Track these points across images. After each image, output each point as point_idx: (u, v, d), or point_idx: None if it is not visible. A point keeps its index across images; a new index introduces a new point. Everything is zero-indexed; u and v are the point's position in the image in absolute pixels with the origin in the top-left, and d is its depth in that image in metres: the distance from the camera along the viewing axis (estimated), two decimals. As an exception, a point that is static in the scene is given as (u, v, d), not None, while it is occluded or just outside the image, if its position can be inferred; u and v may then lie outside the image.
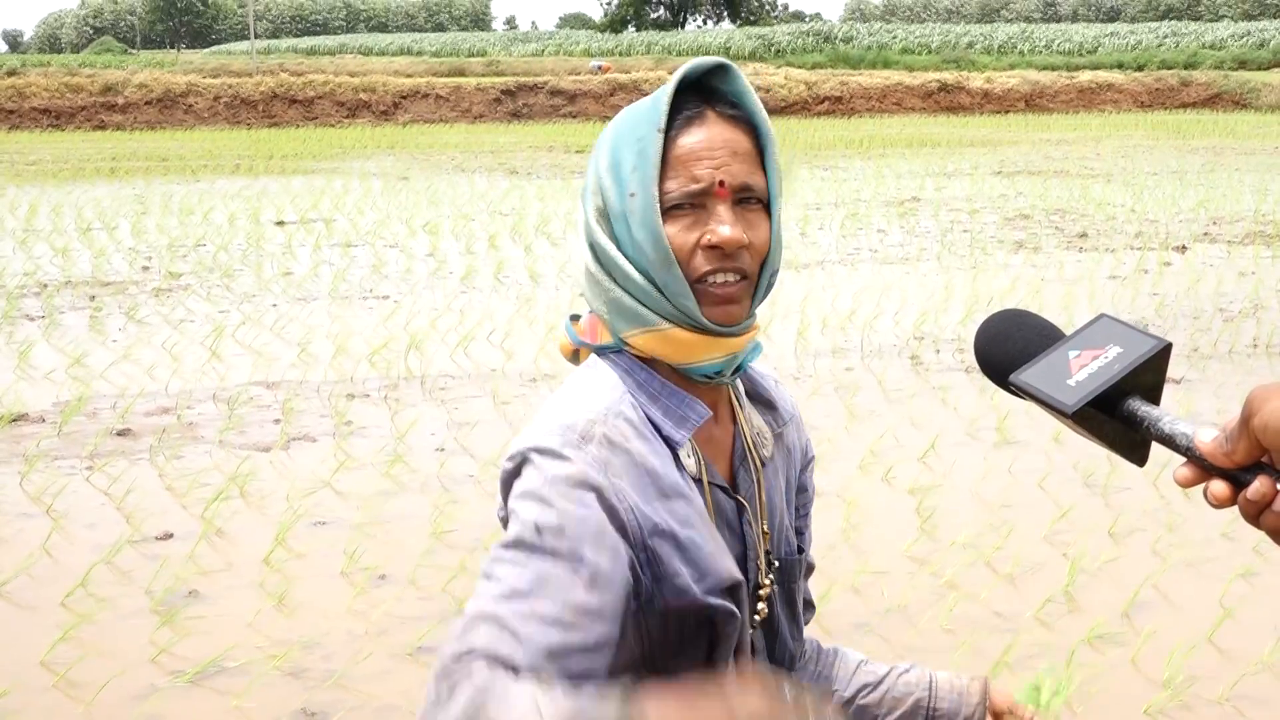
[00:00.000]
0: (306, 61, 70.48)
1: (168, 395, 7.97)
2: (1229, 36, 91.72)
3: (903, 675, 2.11)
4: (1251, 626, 4.78)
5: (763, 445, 1.96)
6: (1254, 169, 23.12)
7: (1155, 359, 1.28)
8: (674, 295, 1.74)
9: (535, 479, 1.64)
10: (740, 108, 1.79)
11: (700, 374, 1.81)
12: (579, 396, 1.75)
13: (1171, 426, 1.24)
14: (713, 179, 1.72)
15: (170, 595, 5.05)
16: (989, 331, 1.42)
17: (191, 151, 27.74)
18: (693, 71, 1.78)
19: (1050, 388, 1.29)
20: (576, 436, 1.66)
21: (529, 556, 1.58)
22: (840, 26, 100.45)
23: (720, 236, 1.71)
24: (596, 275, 1.80)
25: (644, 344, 1.78)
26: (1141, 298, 10.87)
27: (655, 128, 1.72)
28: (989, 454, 6.85)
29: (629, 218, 1.74)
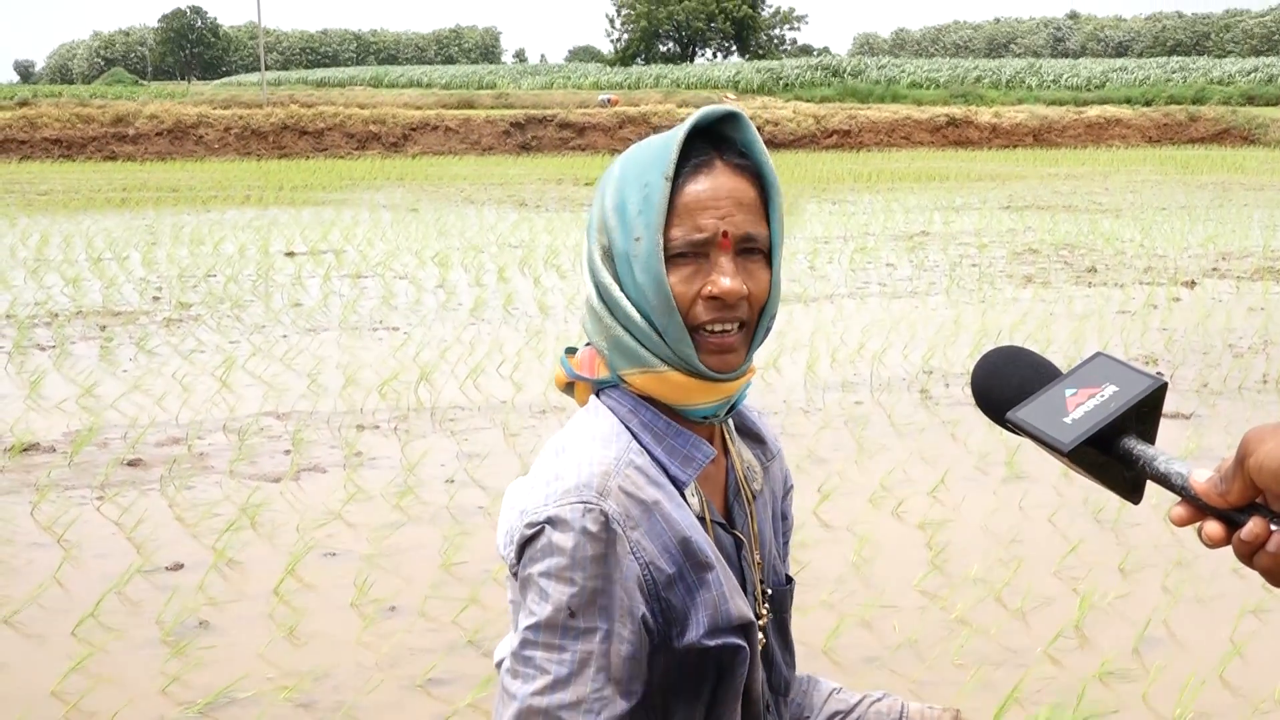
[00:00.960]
0: (317, 93, 70.77)
1: (178, 425, 7.99)
2: (1237, 72, 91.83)
3: (874, 704, 2.15)
4: (1262, 663, 4.77)
5: (754, 479, 2.00)
6: (1262, 204, 23.14)
7: (1151, 398, 1.29)
8: (673, 341, 1.76)
9: (558, 559, 1.66)
10: (748, 157, 1.81)
11: (695, 416, 1.84)
12: (588, 446, 1.77)
13: (1167, 466, 1.25)
14: (717, 229, 1.74)
15: (180, 626, 5.05)
16: (986, 368, 1.43)
17: (202, 182, 27.83)
18: (703, 120, 1.79)
19: (1047, 426, 1.30)
20: (594, 494, 1.69)
21: (564, 639, 1.64)
22: (848, 60, 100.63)
23: (721, 288, 1.74)
24: (599, 312, 1.82)
25: (642, 384, 1.81)
26: (1150, 333, 10.87)
27: (663, 175, 1.74)
28: (999, 488, 6.85)
29: (633, 261, 1.76)
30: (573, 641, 1.65)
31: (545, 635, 1.66)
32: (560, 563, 1.66)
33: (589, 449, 1.76)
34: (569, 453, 1.76)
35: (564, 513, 1.67)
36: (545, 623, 1.65)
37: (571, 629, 1.65)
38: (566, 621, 1.65)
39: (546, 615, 1.65)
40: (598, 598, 1.66)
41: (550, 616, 1.65)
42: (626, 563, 1.69)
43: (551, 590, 1.66)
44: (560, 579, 1.66)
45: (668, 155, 1.74)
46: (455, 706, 4.41)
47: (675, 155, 1.74)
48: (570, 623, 1.65)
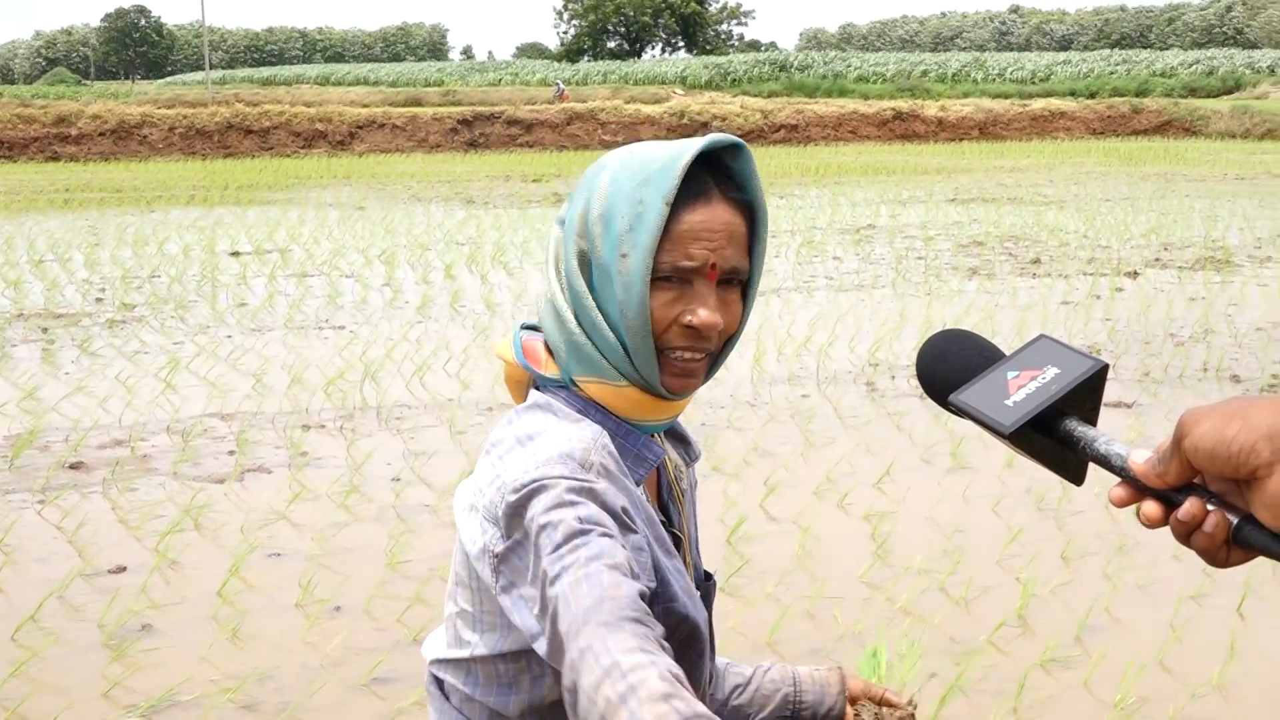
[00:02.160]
0: (262, 92, 70.41)
1: (121, 428, 7.93)
2: (1179, 64, 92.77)
3: (768, 673, 2.18)
4: (1200, 648, 4.83)
5: (681, 479, 1.99)
6: (1204, 195, 23.36)
7: (1092, 380, 1.30)
8: (641, 362, 1.75)
9: (558, 494, 1.61)
10: (745, 191, 1.80)
11: (643, 431, 1.83)
12: (560, 428, 1.74)
13: (1107, 447, 1.25)
14: (706, 260, 1.73)
15: (122, 629, 5.02)
16: (931, 351, 1.43)
17: (146, 182, 27.62)
18: (708, 147, 1.76)
19: (988, 408, 1.30)
20: (577, 465, 1.66)
21: (586, 539, 1.56)
22: (796, 56, 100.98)
23: (701, 320, 1.72)
24: (565, 316, 1.79)
25: (595, 392, 1.80)
26: (1094, 323, 10.96)
27: (664, 199, 1.70)
28: (943, 479, 6.89)
29: (615, 276, 1.73)
30: (596, 538, 1.55)
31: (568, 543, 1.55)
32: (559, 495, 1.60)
33: (562, 429, 1.73)
34: (539, 439, 1.72)
35: (553, 470, 1.63)
36: (562, 539, 1.55)
37: (589, 530, 1.56)
38: (582, 528, 1.56)
39: (561, 534, 1.55)
40: (607, 512, 1.61)
41: (565, 533, 1.55)
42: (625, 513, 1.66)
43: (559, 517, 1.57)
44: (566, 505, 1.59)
45: (670, 178, 1.71)
46: (400, 705, 4.40)
47: (678, 180, 1.71)
48: (586, 528, 1.56)
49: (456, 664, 1.86)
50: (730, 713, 2.13)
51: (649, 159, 1.76)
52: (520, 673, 1.80)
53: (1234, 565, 1.20)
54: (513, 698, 1.83)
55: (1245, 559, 1.19)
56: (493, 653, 1.81)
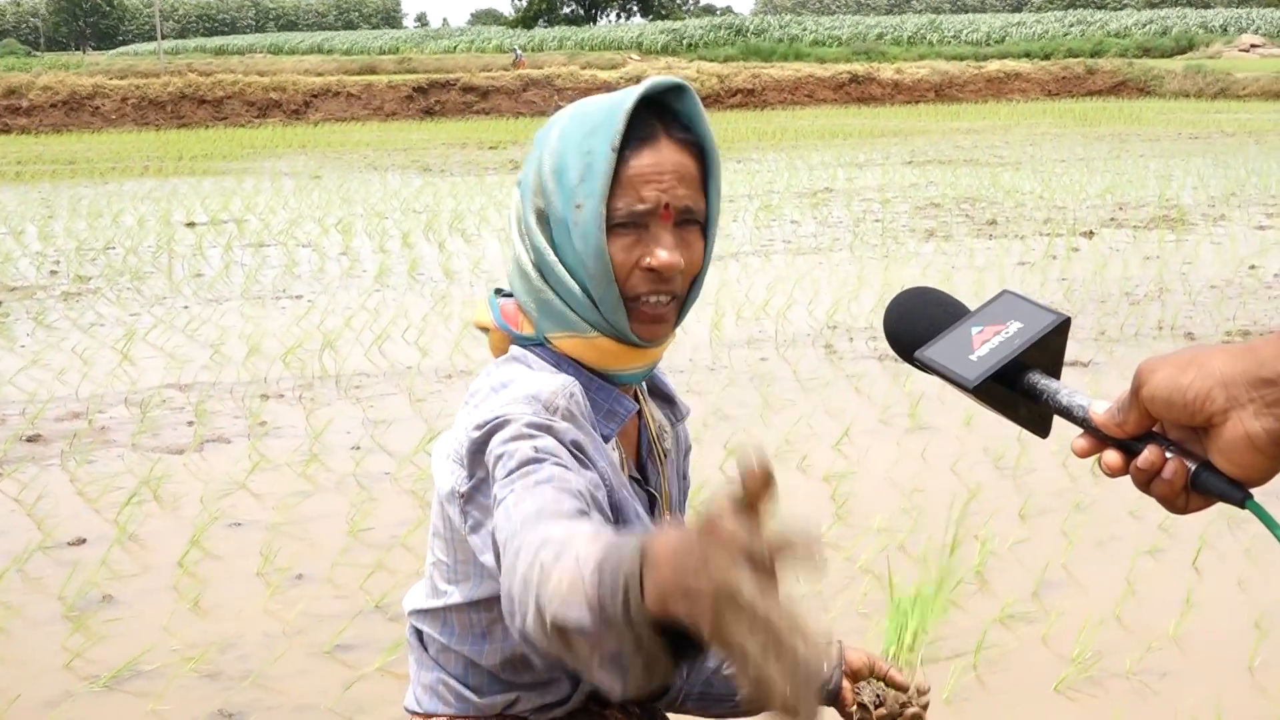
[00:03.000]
0: (215, 61, 69.77)
1: (78, 400, 7.89)
2: (1133, 25, 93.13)
3: None
4: (1156, 602, 4.88)
5: (664, 438, 2.01)
6: (1158, 155, 23.49)
7: (1055, 333, 1.31)
8: (608, 310, 1.76)
9: (516, 428, 1.62)
10: (692, 131, 1.82)
11: (619, 380, 1.85)
12: (531, 376, 1.75)
13: (1069, 399, 1.27)
14: (659, 201, 1.74)
15: (83, 601, 5.01)
16: (897, 309, 1.44)
17: (99, 154, 27.37)
18: (650, 91, 1.78)
19: (953, 363, 1.32)
20: (542, 406, 1.67)
21: (538, 467, 1.56)
22: (751, 20, 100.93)
23: (660, 260, 1.74)
24: (530, 274, 1.81)
25: (568, 347, 1.81)
26: (1050, 283, 11.02)
27: (610, 145, 1.72)
28: (902, 439, 6.93)
29: (571, 227, 1.75)
30: (550, 466, 1.56)
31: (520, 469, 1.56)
32: (519, 427, 1.61)
33: (533, 378, 1.74)
34: (510, 387, 1.74)
35: (515, 408, 1.65)
36: (516, 466, 1.57)
37: (542, 460, 1.57)
38: (535, 456, 1.57)
39: (515, 461, 1.57)
40: (561, 450, 1.60)
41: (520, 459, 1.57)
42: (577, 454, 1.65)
43: (515, 448, 1.59)
44: (524, 437, 1.60)
45: (614, 125, 1.72)
46: (363, 671, 4.41)
47: (622, 126, 1.72)
48: (541, 456, 1.57)
49: (433, 614, 1.88)
50: (720, 682, 2.13)
51: (594, 110, 1.78)
52: (494, 622, 1.82)
53: (1193, 511, 1.23)
54: (487, 647, 1.85)
55: (1204, 505, 1.22)
56: (466, 601, 1.83)
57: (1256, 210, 15.64)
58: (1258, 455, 1.16)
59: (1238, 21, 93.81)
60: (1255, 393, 1.14)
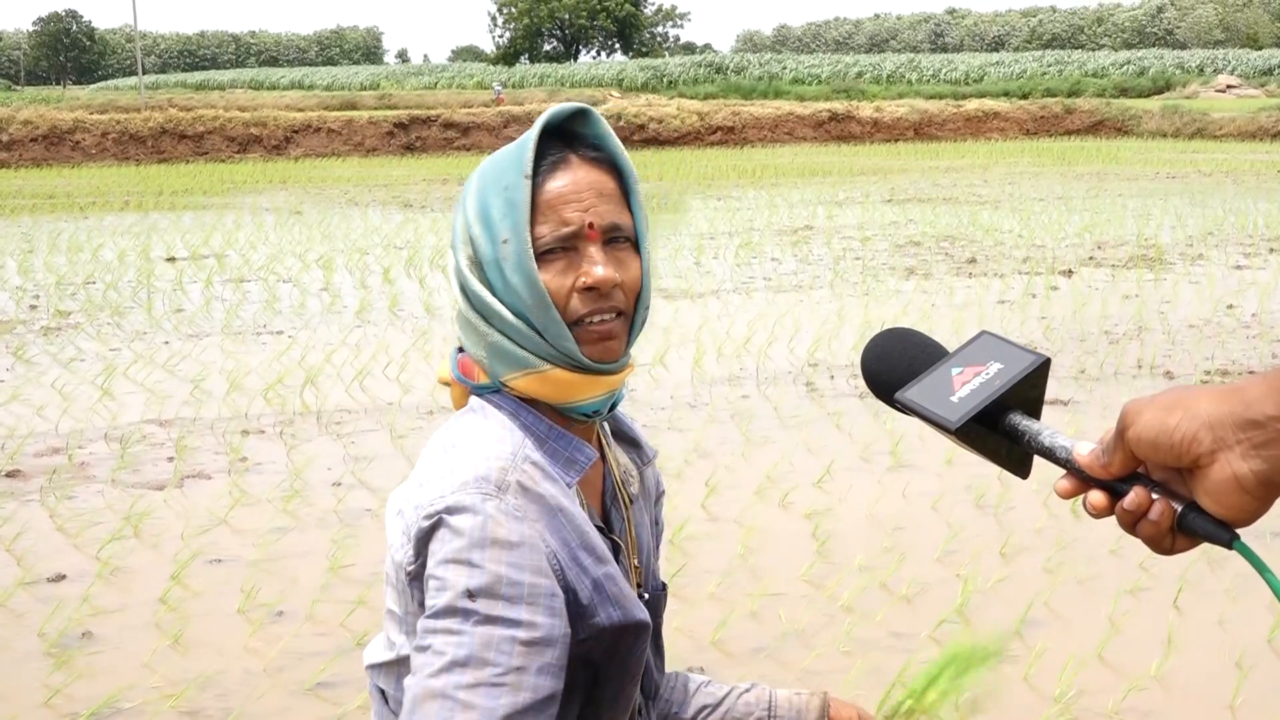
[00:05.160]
0: (196, 96, 69.83)
1: (58, 435, 7.86)
2: (1110, 65, 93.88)
3: (742, 695, 2.13)
4: (1138, 641, 4.89)
5: (630, 483, 1.99)
6: (1136, 194, 23.62)
7: (1035, 374, 1.32)
8: (554, 338, 1.76)
9: (458, 542, 1.63)
10: (602, 150, 1.83)
11: (579, 413, 1.83)
12: (480, 443, 1.75)
13: (1051, 440, 1.28)
14: (582, 221, 1.75)
15: (64, 637, 4.98)
16: (875, 350, 1.44)
17: (79, 188, 27.33)
18: (554, 118, 1.81)
19: (934, 405, 1.32)
20: (492, 487, 1.66)
21: (464, 624, 1.59)
22: (731, 58, 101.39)
23: (595, 277, 1.74)
24: (473, 321, 1.83)
25: (524, 386, 1.81)
26: (1030, 321, 11.06)
27: (522, 174, 1.74)
28: (883, 477, 6.94)
29: (502, 264, 1.76)
30: (473, 626, 1.59)
31: (444, 621, 1.60)
32: (458, 546, 1.62)
33: (482, 444, 1.74)
34: (460, 449, 1.75)
35: (463, 499, 1.65)
36: (445, 607, 1.61)
37: (471, 613, 1.60)
38: (467, 604, 1.60)
39: (444, 602, 1.61)
40: (498, 583, 1.61)
41: (448, 602, 1.61)
42: (533, 549, 1.66)
43: (449, 576, 1.61)
44: (458, 563, 1.61)
45: (524, 155, 1.75)
46: (344, 709, 4.39)
47: (532, 154, 1.75)
48: (470, 605, 1.60)
49: (388, 668, 1.85)
50: None
51: (505, 151, 1.82)
52: None
53: (1179, 552, 1.23)
54: None
55: (1190, 546, 1.22)
56: None
57: (1234, 250, 15.73)
58: (1245, 497, 1.16)
59: (1214, 62, 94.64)
60: (1242, 434, 1.15)
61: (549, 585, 1.67)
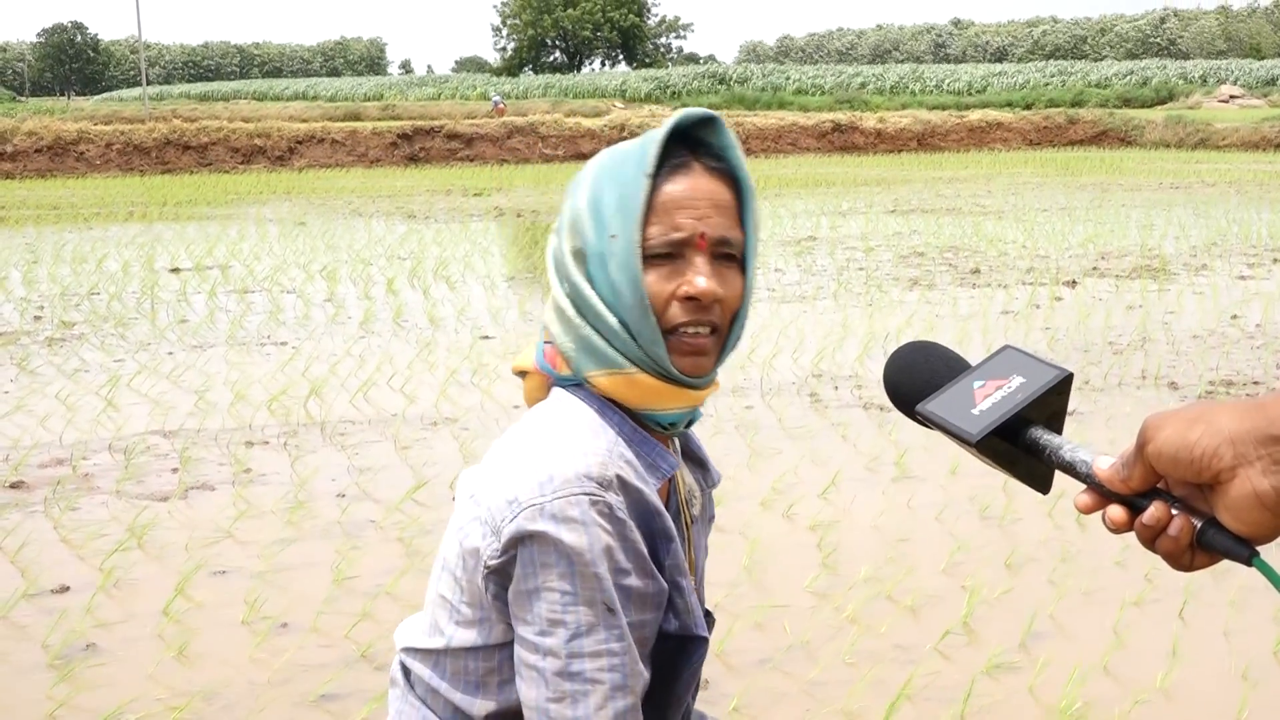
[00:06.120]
0: (200, 107, 69.93)
1: (62, 446, 7.86)
2: (1113, 75, 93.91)
3: None
4: (1144, 653, 4.89)
5: (693, 504, 1.98)
6: (1140, 204, 23.62)
7: (1057, 389, 1.32)
8: (646, 342, 1.74)
9: (576, 557, 1.62)
10: (724, 161, 1.81)
11: (658, 422, 1.82)
12: (576, 435, 1.73)
13: (1072, 454, 1.28)
14: (694, 229, 1.73)
15: (68, 649, 4.98)
16: (898, 362, 1.45)
17: (83, 199, 27.35)
18: (683, 121, 1.79)
19: (955, 417, 1.32)
20: (595, 485, 1.65)
21: (608, 641, 1.63)
22: (735, 68, 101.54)
23: (697, 288, 1.73)
24: (568, 312, 1.80)
25: (608, 385, 1.78)
26: (1034, 332, 11.06)
27: (643, 172, 1.73)
28: (888, 489, 6.94)
29: (607, 259, 1.74)
30: (619, 641, 1.62)
31: (589, 641, 1.61)
32: (580, 559, 1.62)
33: (578, 437, 1.72)
34: (554, 441, 1.72)
35: (569, 507, 1.63)
36: (586, 627, 1.61)
37: (614, 627, 1.62)
38: (607, 619, 1.61)
39: (585, 619, 1.61)
40: (626, 590, 1.64)
41: (589, 620, 1.61)
42: (638, 548, 1.67)
43: (580, 590, 1.62)
44: (585, 576, 1.62)
45: (647, 154, 1.74)
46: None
47: (656, 153, 1.73)
48: (611, 620, 1.61)
49: (426, 654, 1.83)
50: None
51: (628, 145, 1.80)
52: (489, 673, 1.78)
53: (1198, 568, 1.23)
54: (478, 699, 1.80)
55: (1209, 563, 1.22)
56: (466, 646, 1.78)
57: (1238, 260, 15.72)
58: (1265, 513, 1.16)
59: (1217, 72, 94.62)
60: (1264, 450, 1.15)
61: (656, 585, 1.71)
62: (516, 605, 1.68)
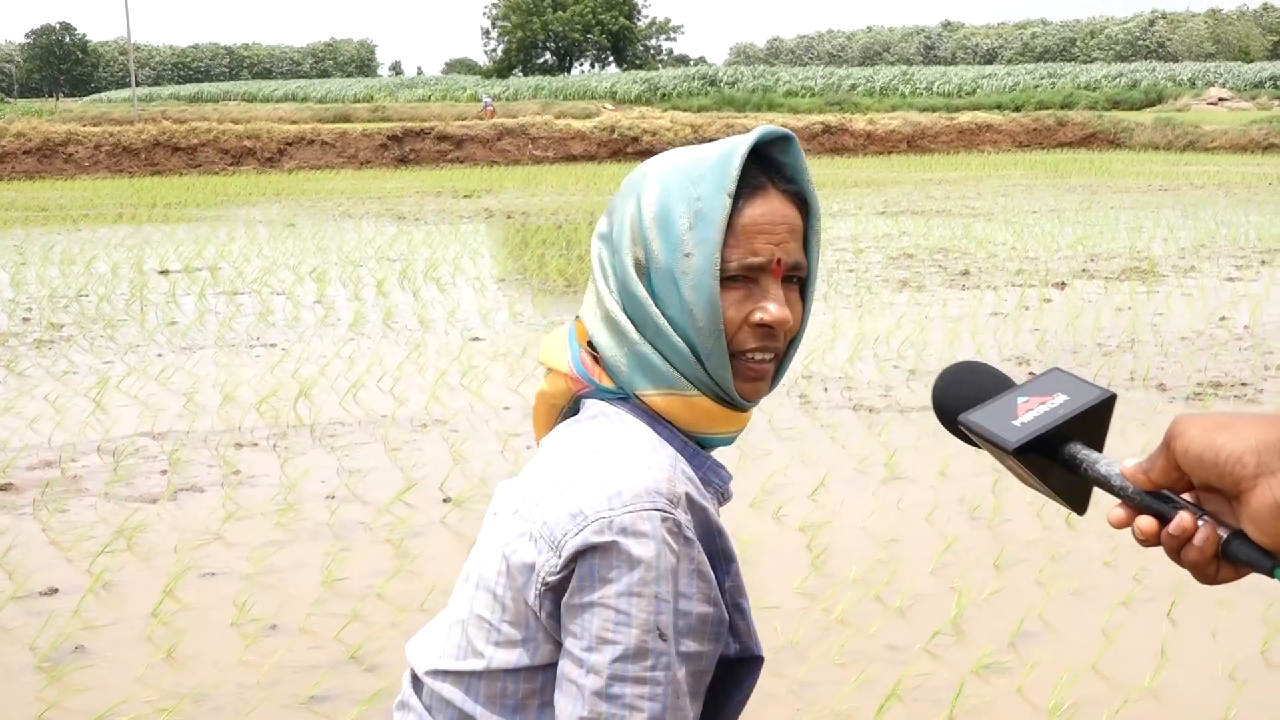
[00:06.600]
0: (189, 109, 69.77)
1: (51, 448, 7.85)
2: (1103, 77, 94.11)
3: None
4: (1132, 653, 4.90)
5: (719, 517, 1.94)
6: (1129, 206, 23.66)
7: (1100, 408, 1.33)
8: (714, 366, 1.69)
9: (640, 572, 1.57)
10: (795, 183, 1.76)
11: (708, 443, 1.77)
12: (637, 450, 1.66)
13: (1108, 468, 1.29)
14: (772, 255, 1.69)
15: (56, 651, 4.97)
16: (946, 378, 1.47)
17: (72, 201, 27.32)
18: (761, 139, 1.74)
19: (996, 427, 1.33)
20: (664, 501, 1.60)
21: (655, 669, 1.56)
22: (725, 70, 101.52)
23: (772, 316, 1.68)
24: (622, 325, 1.72)
25: (662, 405, 1.72)
26: (1023, 334, 11.08)
27: (724, 192, 1.67)
28: (877, 490, 6.94)
29: (679, 277, 1.67)
30: (664, 670, 1.56)
31: (635, 666, 1.55)
32: (643, 577, 1.56)
33: (641, 451, 1.65)
34: (617, 453, 1.65)
35: (640, 521, 1.57)
36: (635, 650, 1.56)
37: (663, 654, 1.56)
38: (657, 646, 1.55)
39: (634, 642, 1.56)
40: (687, 615, 1.58)
41: (639, 643, 1.55)
42: (703, 570, 1.62)
43: (635, 611, 1.56)
44: (644, 597, 1.56)
45: (727, 172, 1.67)
46: (339, 723, 4.38)
47: (737, 172, 1.68)
48: (661, 646, 1.55)
49: (457, 676, 1.73)
50: None
51: (699, 157, 1.73)
52: (530, 696, 1.70)
53: (1223, 581, 1.22)
54: None
55: (1235, 576, 1.22)
56: (506, 667, 1.70)
57: (1226, 262, 15.76)
58: None
59: (1205, 75, 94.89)
60: None
61: (718, 613, 1.65)
62: (568, 617, 1.61)
